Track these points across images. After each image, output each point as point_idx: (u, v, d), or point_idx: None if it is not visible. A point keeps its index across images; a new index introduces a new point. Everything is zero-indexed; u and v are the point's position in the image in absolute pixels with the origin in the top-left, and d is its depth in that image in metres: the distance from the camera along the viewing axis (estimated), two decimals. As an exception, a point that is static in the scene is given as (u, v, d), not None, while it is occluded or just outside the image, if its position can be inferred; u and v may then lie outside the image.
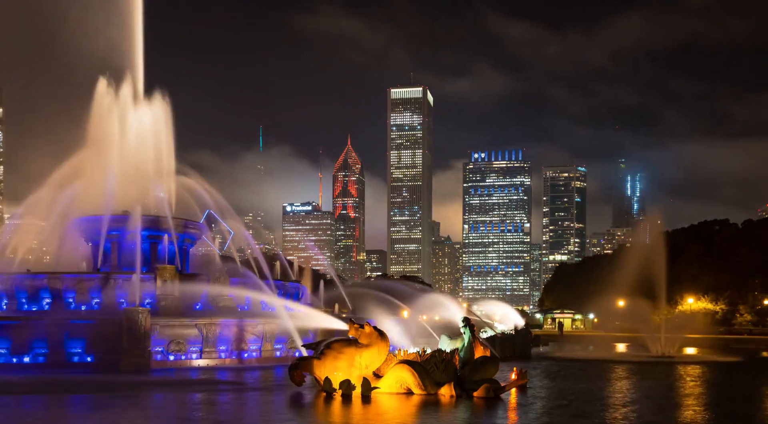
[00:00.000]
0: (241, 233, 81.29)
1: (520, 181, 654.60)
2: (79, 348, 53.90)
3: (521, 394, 37.97)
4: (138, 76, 74.53)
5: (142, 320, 51.46)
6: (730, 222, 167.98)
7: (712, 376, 52.84)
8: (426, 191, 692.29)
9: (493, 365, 37.42)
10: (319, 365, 36.63)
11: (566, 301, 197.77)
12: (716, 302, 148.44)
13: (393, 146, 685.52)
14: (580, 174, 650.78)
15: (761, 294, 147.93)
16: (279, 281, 76.13)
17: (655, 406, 34.27)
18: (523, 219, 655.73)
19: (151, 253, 71.37)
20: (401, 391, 36.32)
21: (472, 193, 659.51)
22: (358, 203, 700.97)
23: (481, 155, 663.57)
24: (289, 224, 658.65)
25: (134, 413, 30.78)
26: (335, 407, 32.68)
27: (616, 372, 55.40)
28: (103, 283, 62.13)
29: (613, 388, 43.26)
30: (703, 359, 71.24)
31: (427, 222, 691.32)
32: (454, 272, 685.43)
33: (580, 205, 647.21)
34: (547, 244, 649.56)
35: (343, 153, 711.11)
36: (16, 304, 62.40)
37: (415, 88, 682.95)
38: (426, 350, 37.96)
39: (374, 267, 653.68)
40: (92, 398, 36.36)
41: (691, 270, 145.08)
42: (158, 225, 71.53)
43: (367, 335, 36.45)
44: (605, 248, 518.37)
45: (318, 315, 61.00)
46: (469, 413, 31.05)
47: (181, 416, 29.88)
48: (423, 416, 30.38)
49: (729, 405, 36.32)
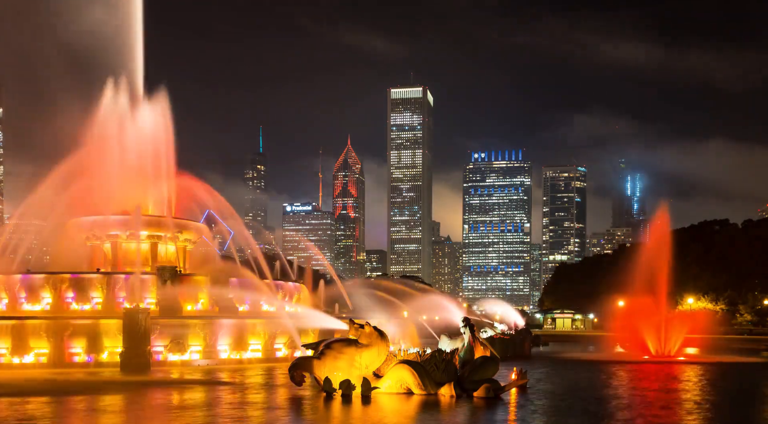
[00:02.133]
0: (241, 233, 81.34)
1: (520, 181, 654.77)
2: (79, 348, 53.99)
3: (521, 394, 37.97)
4: (138, 77, 74.51)
5: (142, 320, 51.47)
6: (730, 222, 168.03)
7: (712, 376, 52.81)
8: (426, 191, 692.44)
9: (493, 365, 37.41)
10: (319, 365, 36.65)
11: (566, 301, 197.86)
12: (716, 302, 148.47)
13: (393, 146, 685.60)
14: (580, 174, 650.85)
15: (761, 294, 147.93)
16: (279, 280, 76.19)
17: (656, 406, 34.28)
18: (523, 219, 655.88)
19: (152, 253, 71.43)
20: (401, 391, 36.32)
21: (472, 193, 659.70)
22: (358, 203, 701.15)
23: (481, 155, 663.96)
24: (289, 224, 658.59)
25: (134, 414, 30.79)
26: (335, 407, 32.69)
27: (616, 372, 55.40)
28: (103, 283, 62.15)
29: (613, 388, 43.26)
30: (704, 359, 71.22)
31: (427, 222, 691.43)
32: (454, 272, 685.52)
33: (580, 205, 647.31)
34: (547, 244, 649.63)
35: (343, 153, 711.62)
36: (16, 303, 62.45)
37: (415, 88, 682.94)
38: (426, 350, 37.99)
39: (374, 267, 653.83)
40: (92, 398, 36.35)
41: (691, 270, 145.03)
42: (158, 225, 71.60)
43: (367, 335, 36.46)
44: (605, 248, 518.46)
45: (318, 315, 61.03)
46: (469, 413, 31.05)
47: (182, 416, 29.87)
48: (423, 416, 30.39)
49: (730, 406, 36.33)
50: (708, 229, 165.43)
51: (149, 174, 73.12)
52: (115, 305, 60.19)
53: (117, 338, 52.81)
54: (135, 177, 72.24)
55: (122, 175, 71.76)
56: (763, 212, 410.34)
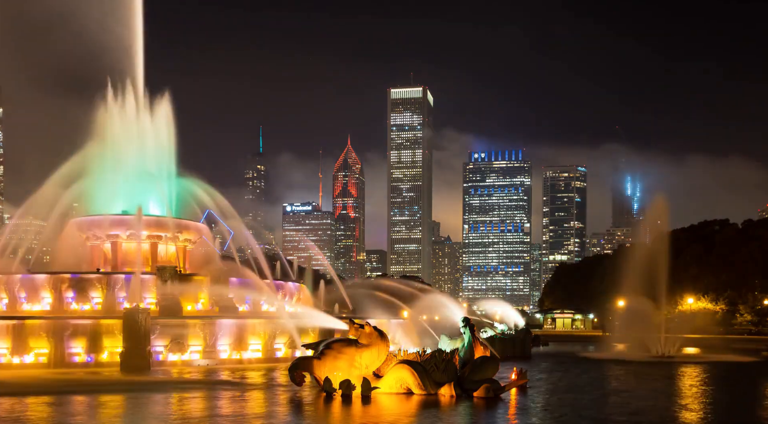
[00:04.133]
0: (241, 233, 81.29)
1: (520, 181, 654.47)
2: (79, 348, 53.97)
3: (521, 394, 37.99)
4: (138, 77, 74.51)
5: (142, 320, 51.47)
6: (730, 222, 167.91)
7: (712, 376, 52.83)
8: (426, 191, 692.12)
9: (493, 365, 37.43)
10: (319, 365, 36.66)
11: (566, 301, 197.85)
12: (716, 302, 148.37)
13: (393, 146, 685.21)
14: (580, 174, 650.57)
15: (761, 294, 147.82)
16: (279, 280, 76.19)
17: (655, 406, 34.29)
18: (523, 219, 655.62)
19: (152, 253, 71.45)
20: (401, 391, 36.33)
21: (472, 193, 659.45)
22: (358, 203, 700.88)
23: (481, 155, 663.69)
24: (289, 224, 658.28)
25: (135, 414, 30.81)
26: (335, 407, 32.70)
27: (616, 372, 55.42)
28: (103, 283, 62.17)
29: (613, 388, 43.28)
30: (704, 360, 71.24)
31: (427, 222, 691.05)
32: (454, 272, 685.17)
33: (580, 205, 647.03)
34: (547, 244, 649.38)
35: (343, 153, 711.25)
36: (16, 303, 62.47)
37: (415, 88, 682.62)
38: (426, 350, 38.00)
39: (374, 267, 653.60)
40: (92, 398, 36.37)
41: (691, 270, 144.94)
42: (159, 225, 71.63)
43: (367, 335, 36.48)
44: (605, 248, 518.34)
45: (318, 315, 61.03)
46: (469, 413, 31.07)
47: (182, 417, 29.88)
48: (423, 416, 30.39)
49: (729, 406, 36.35)
50: (708, 229, 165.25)
51: (150, 174, 73.16)
52: (115, 305, 60.20)
53: (117, 338, 52.80)
54: (136, 177, 72.28)
55: (123, 175, 71.81)
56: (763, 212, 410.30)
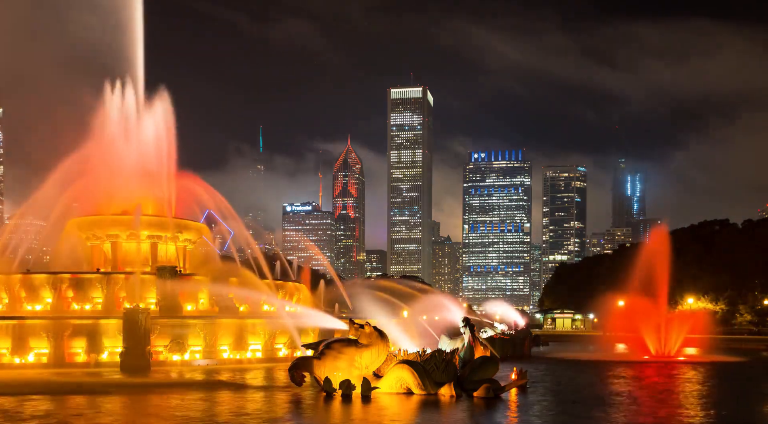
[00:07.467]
0: (241, 233, 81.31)
1: (520, 181, 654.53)
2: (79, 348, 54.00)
3: (521, 394, 37.99)
4: (138, 78, 74.52)
5: (142, 320, 51.47)
6: (730, 222, 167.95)
7: (712, 376, 52.82)
8: (426, 191, 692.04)
9: (493, 365, 37.43)
10: (319, 365, 36.66)
11: (566, 301, 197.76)
12: (716, 302, 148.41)
13: (393, 146, 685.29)
14: (580, 174, 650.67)
15: (761, 294, 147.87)
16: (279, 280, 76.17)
17: (655, 405, 34.29)
18: (523, 219, 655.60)
19: (152, 253, 71.42)
20: (401, 391, 36.33)
21: (472, 194, 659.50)
22: (358, 203, 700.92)
23: (481, 155, 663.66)
24: (289, 224, 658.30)
25: (134, 414, 30.79)
26: (335, 407, 32.70)
27: (616, 372, 55.39)
28: (103, 283, 62.15)
29: (613, 388, 43.26)
30: (704, 359, 71.20)
31: (427, 222, 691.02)
32: (454, 272, 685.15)
33: (580, 205, 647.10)
34: (547, 244, 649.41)
35: (343, 153, 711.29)
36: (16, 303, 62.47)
37: (415, 88, 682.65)
38: (426, 350, 37.99)
39: (374, 267, 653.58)
40: (92, 398, 36.36)
41: (691, 270, 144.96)
42: (159, 225, 71.57)
43: (367, 335, 36.47)
44: (605, 247, 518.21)
45: (318, 315, 61.03)
46: (469, 413, 31.06)
47: (182, 417, 29.87)
48: (423, 416, 30.39)
49: (729, 405, 36.34)
50: (708, 229, 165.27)
51: (150, 174, 73.09)
52: (115, 305, 60.20)
53: (117, 338, 52.81)
54: (135, 177, 72.21)
55: (123, 175, 71.75)
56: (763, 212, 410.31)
